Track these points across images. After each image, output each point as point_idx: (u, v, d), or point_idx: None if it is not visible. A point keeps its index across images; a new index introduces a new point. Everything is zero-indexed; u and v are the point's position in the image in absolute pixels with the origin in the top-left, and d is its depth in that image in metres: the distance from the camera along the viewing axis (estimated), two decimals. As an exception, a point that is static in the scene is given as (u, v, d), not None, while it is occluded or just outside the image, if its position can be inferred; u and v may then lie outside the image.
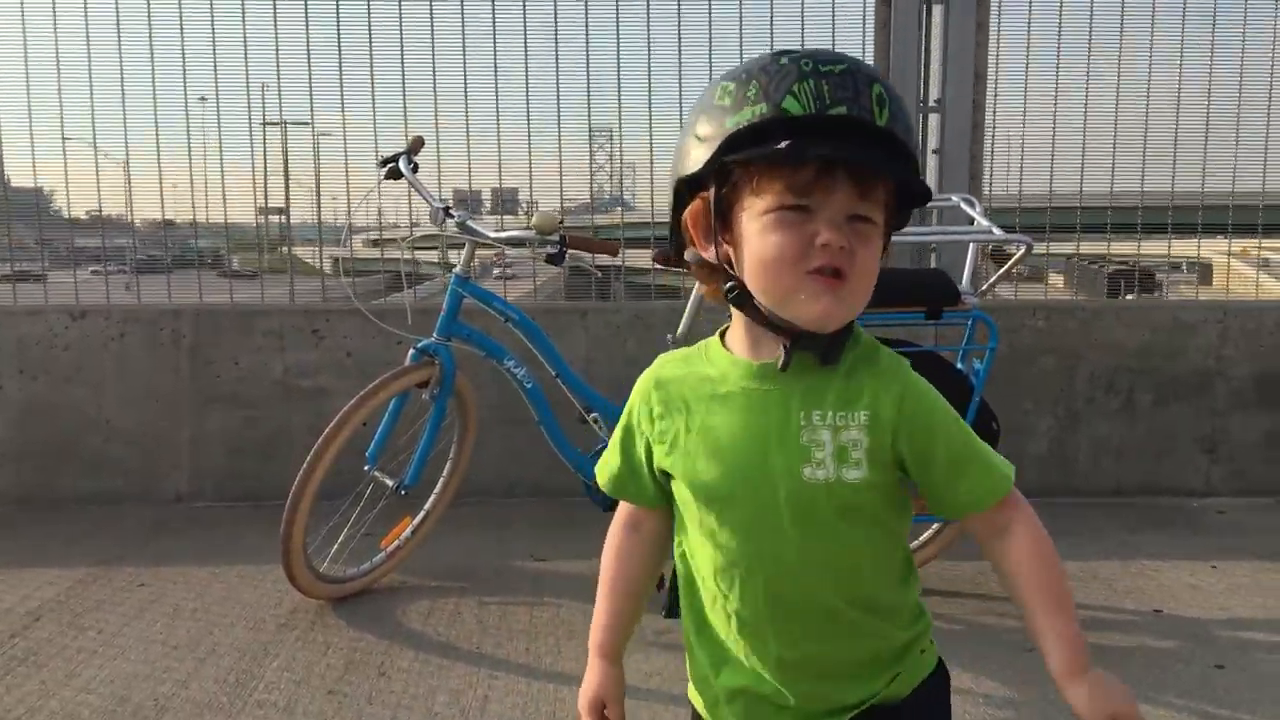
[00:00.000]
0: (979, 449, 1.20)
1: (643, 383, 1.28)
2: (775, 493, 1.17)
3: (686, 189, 1.19)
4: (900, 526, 1.24)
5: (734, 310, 1.20)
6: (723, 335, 1.26)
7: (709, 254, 1.17)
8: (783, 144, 1.07)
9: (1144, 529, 4.09)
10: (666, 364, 1.28)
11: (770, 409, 1.18)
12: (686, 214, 1.19)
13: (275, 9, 4.49)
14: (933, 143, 4.54)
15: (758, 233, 1.11)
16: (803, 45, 4.53)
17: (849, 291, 1.12)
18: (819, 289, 1.11)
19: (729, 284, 1.17)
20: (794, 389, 1.17)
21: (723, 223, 1.16)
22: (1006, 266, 3.32)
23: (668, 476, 1.26)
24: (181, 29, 4.49)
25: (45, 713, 2.56)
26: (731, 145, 1.11)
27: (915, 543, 3.44)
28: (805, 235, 1.10)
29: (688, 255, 1.22)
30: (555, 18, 4.52)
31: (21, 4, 4.51)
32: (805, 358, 1.17)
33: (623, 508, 1.35)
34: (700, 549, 1.24)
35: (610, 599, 1.36)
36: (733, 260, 1.17)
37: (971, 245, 3.45)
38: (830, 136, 1.08)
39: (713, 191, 1.15)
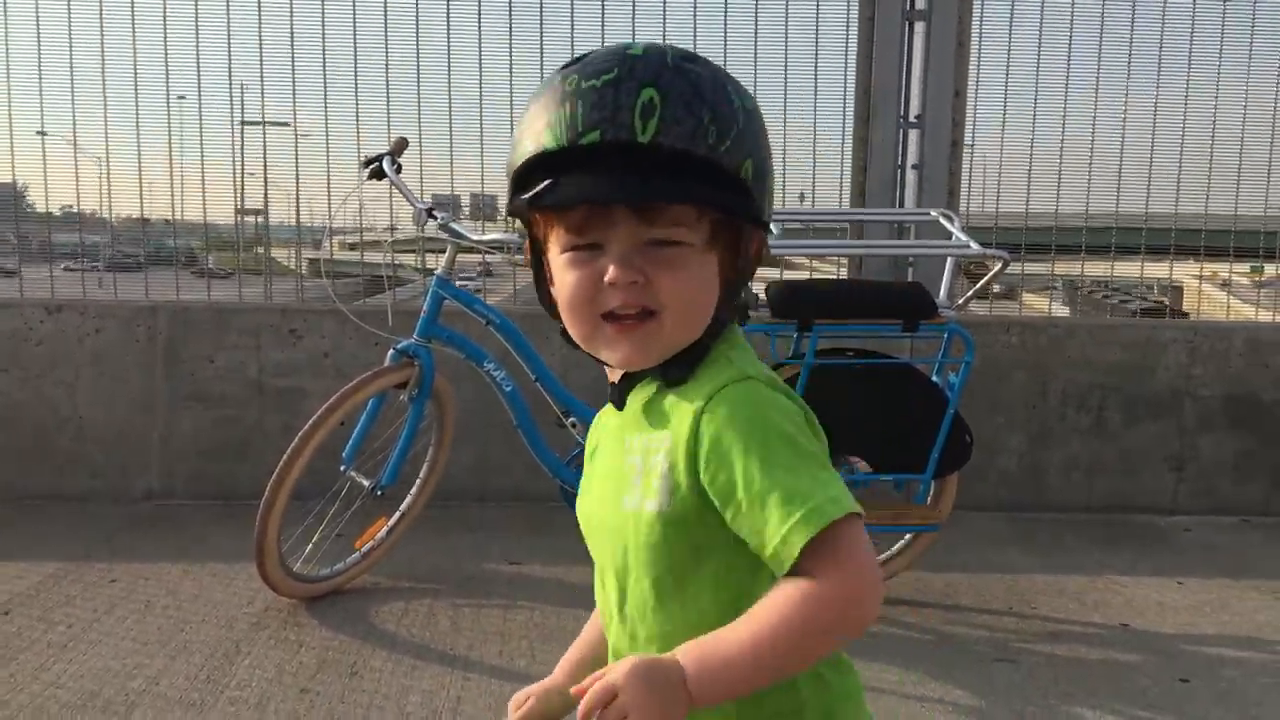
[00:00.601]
0: (786, 483, 0.97)
1: None
2: (605, 523, 1.12)
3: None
4: (740, 580, 1.04)
5: None
6: None
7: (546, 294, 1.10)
8: (528, 195, 1.02)
9: (1112, 545, 4.13)
10: None
11: (614, 435, 1.13)
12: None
13: (260, 6, 4.49)
14: (912, 158, 4.58)
15: (557, 273, 1.06)
16: (786, 61, 4.58)
17: (656, 327, 1.03)
18: (612, 335, 1.04)
19: (562, 327, 1.09)
20: (627, 413, 1.11)
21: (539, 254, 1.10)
22: (983, 281, 3.36)
23: None
24: (165, 25, 4.48)
25: (14, 706, 2.54)
26: (516, 187, 1.05)
27: (887, 553, 3.47)
28: (595, 274, 1.02)
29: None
30: (540, 24, 4.54)
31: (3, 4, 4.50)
32: (644, 390, 1.09)
33: None
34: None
35: (578, 639, 1.33)
36: (549, 291, 1.10)
37: (949, 259, 3.50)
38: (593, 165, 0.99)
39: (524, 222, 1.09)
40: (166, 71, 4.51)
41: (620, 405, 1.11)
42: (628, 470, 1.07)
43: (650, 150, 0.98)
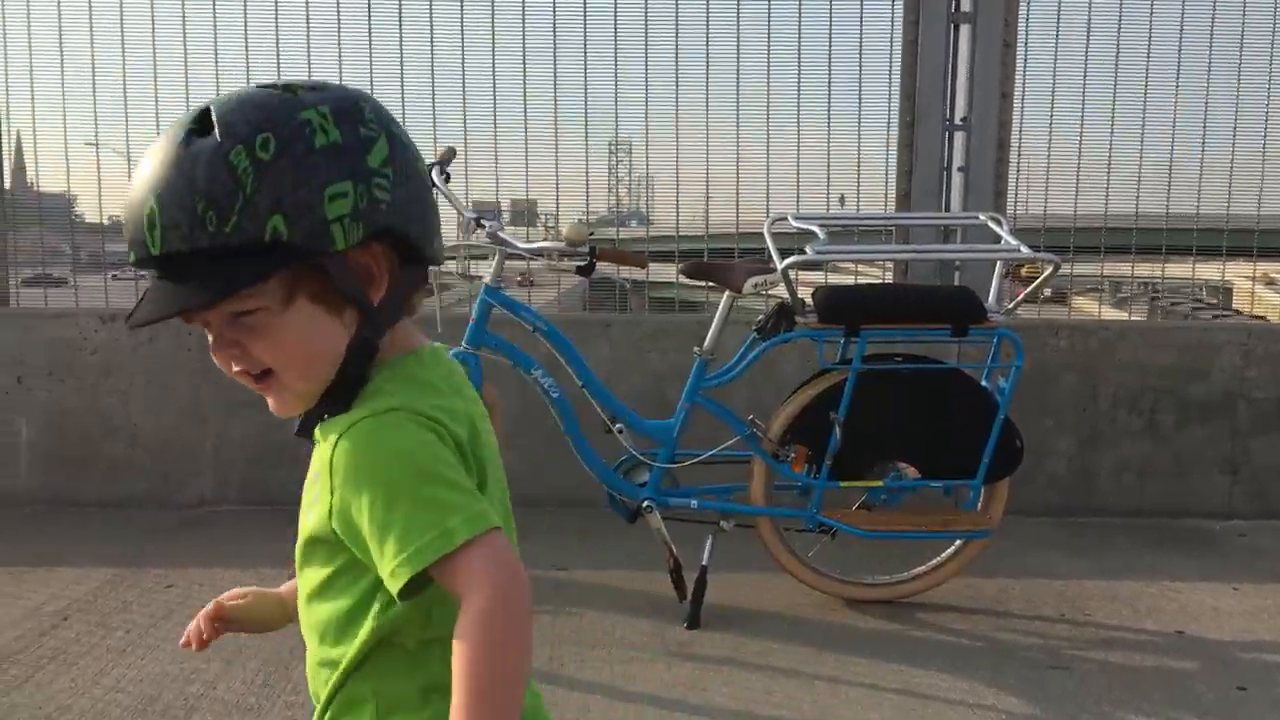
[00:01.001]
0: (401, 522, 0.99)
1: None
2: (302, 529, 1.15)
3: None
4: (364, 592, 1.08)
5: None
6: None
7: None
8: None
9: (1165, 550, 4.08)
10: None
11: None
12: None
13: (308, 19, 4.54)
14: (958, 161, 4.55)
15: None
16: (829, 64, 4.57)
17: (278, 382, 1.09)
18: (260, 391, 1.11)
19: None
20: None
21: None
22: (1034, 285, 3.33)
23: None
24: (215, 35, 4.55)
25: (75, 711, 2.59)
26: None
27: (936, 560, 3.45)
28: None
29: None
30: (584, 30, 4.56)
31: (59, 11, 4.58)
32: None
33: None
34: None
35: None
36: None
37: (998, 263, 3.47)
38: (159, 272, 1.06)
39: None
40: (217, 83, 4.58)
41: (309, 438, 1.14)
42: (310, 485, 1.12)
43: (170, 258, 1.02)
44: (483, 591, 0.97)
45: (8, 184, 4.72)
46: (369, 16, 4.56)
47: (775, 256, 3.28)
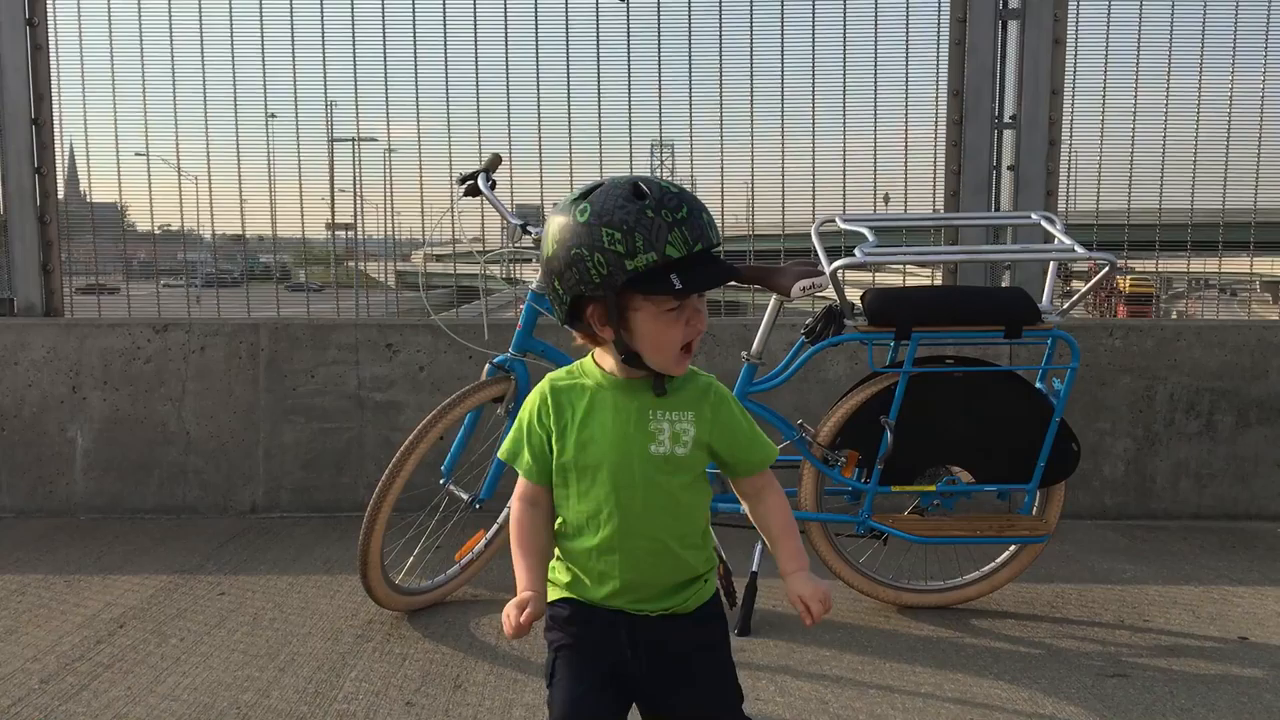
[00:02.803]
0: (758, 435, 1.78)
1: (538, 391, 1.76)
2: (631, 462, 1.69)
3: (586, 295, 1.64)
4: (704, 497, 1.77)
5: (607, 351, 1.70)
6: (593, 358, 1.76)
7: (607, 334, 1.66)
8: (677, 285, 1.59)
9: (1226, 554, 3.99)
10: (555, 378, 1.76)
11: (630, 409, 1.71)
12: (591, 311, 1.65)
13: (353, 26, 4.57)
14: (1007, 159, 4.49)
15: (657, 326, 1.63)
16: (875, 63, 4.53)
17: (691, 352, 1.70)
18: (682, 357, 1.67)
19: (624, 352, 1.66)
20: (645, 397, 1.71)
21: (619, 316, 1.64)
22: (1089, 285, 3.27)
23: (554, 456, 1.75)
24: (262, 51, 4.60)
25: (131, 719, 2.61)
26: (633, 280, 1.59)
27: (991, 565, 3.40)
28: (682, 323, 1.64)
29: (577, 330, 1.71)
30: (627, 40, 4.55)
31: (109, 26, 4.64)
32: (647, 382, 1.71)
33: (524, 486, 1.78)
34: (576, 504, 1.73)
35: (526, 557, 1.77)
36: (622, 337, 1.65)
37: (1051, 264, 3.41)
38: (694, 263, 1.60)
39: (613, 299, 1.61)
40: (265, 95, 4.62)
41: (663, 392, 1.71)
42: (654, 431, 1.70)
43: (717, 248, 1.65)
44: (779, 487, 1.83)
45: (61, 194, 4.79)
46: (413, 20, 4.58)
47: (823, 259, 3.25)
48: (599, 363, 1.74)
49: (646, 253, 1.56)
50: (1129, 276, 4.63)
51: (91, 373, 4.50)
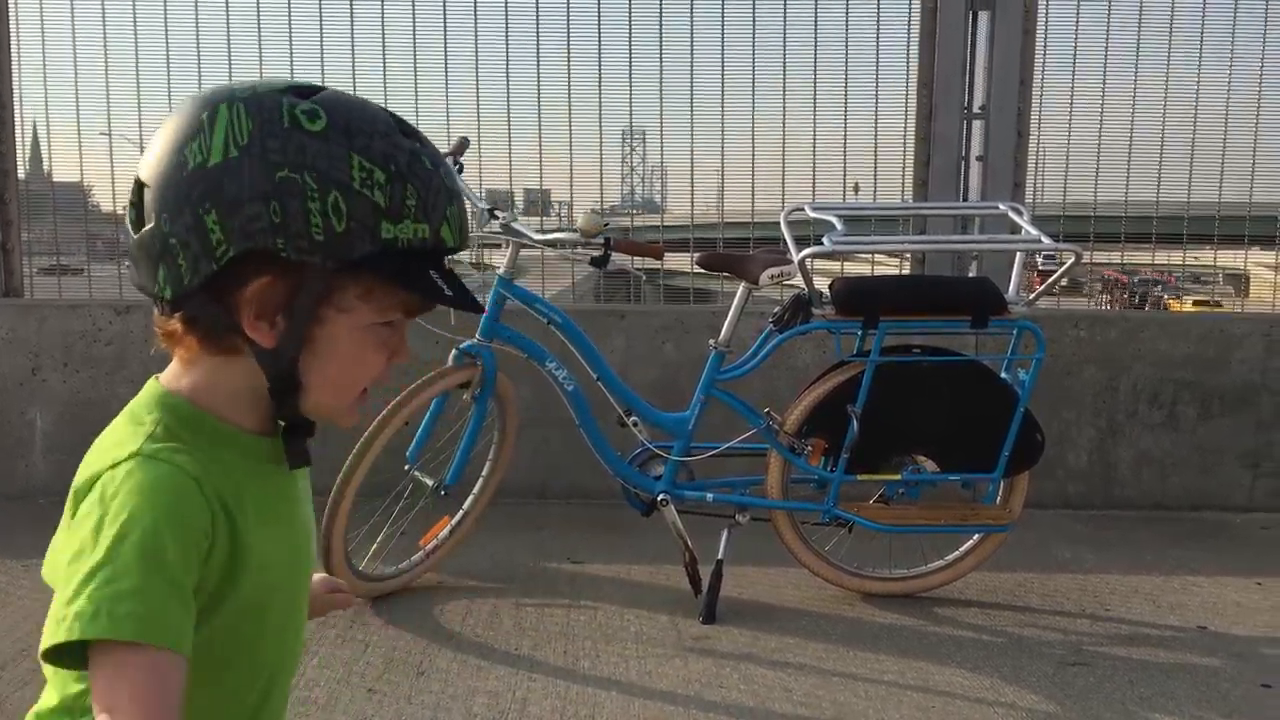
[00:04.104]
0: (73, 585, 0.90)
1: (180, 491, 0.96)
2: (301, 585, 1.17)
3: (247, 260, 0.97)
4: None
5: (222, 376, 1.03)
6: (188, 400, 1.04)
7: (265, 337, 0.99)
8: (447, 291, 1.02)
9: (1187, 544, 4.04)
10: (179, 462, 0.97)
11: (294, 493, 1.13)
12: (250, 289, 0.98)
13: (320, 7, 4.52)
14: (976, 149, 4.50)
15: (353, 344, 1.02)
16: (846, 52, 4.53)
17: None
18: (356, 403, 1.08)
19: (282, 378, 1.02)
20: (281, 473, 1.10)
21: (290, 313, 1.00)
22: (1055, 277, 3.29)
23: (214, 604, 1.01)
24: (228, 26, 4.53)
25: (89, 705, 2.58)
26: (371, 259, 0.97)
27: (954, 554, 3.42)
28: (387, 351, 1.05)
29: (185, 316, 1.01)
30: (598, 24, 4.53)
31: (71, 3, 4.57)
32: (275, 446, 1.08)
33: (168, 677, 0.90)
34: (232, 679, 1.07)
35: None
36: (289, 350, 1.01)
37: (1018, 254, 3.42)
38: (438, 264, 1.03)
39: (321, 279, 0.98)
40: (230, 73, 4.56)
41: (306, 460, 1.10)
42: (310, 527, 1.17)
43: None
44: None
45: (21, 174, 4.71)
46: (381, 5, 4.53)
47: (792, 247, 3.24)
48: (207, 406, 1.03)
49: (418, 221, 0.98)
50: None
51: (51, 355, 4.43)
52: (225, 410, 1.04)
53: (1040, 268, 3.30)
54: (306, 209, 0.95)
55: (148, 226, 0.99)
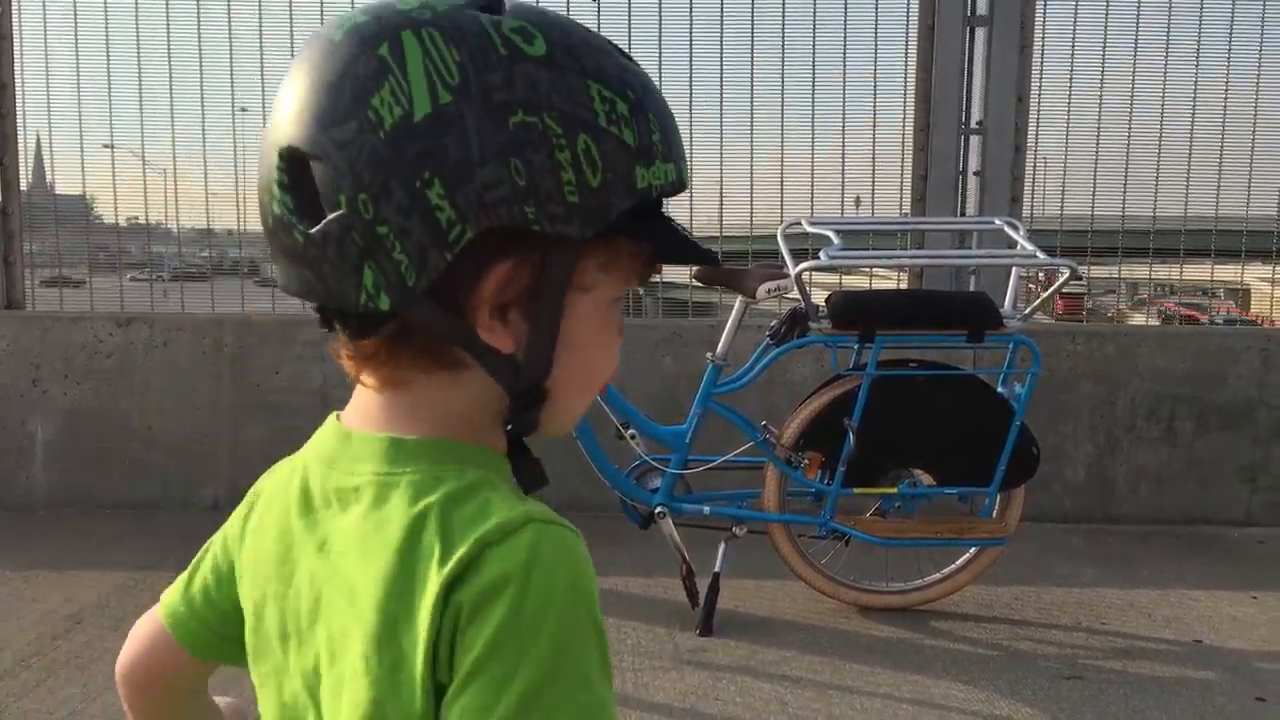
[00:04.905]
0: None
1: (574, 554, 0.81)
2: None
3: (498, 240, 0.73)
4: None
5: (448, 395, 0.80)
6: (445, 430, 0.81)
7: (501, 340, 0.77)
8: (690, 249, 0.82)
9: (1183, 558, 4.04)
10: (517, 517, 0.78)
11: None
12: (488, 281, 0.74)
13: (322, 17, 4.54)
14: (974, 165, 4.53)
15: (598, 329, 0.81)
16: (844, 68, 4.55)
17: None
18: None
19: (526, 389, 0.79)
20: None
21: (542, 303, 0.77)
22: (1050, 291, 3.31)
23: None
24: (230, 39, 4.56)
25: (88, 716, 2.60)
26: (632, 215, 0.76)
27: (950, 568, 3.43)
28: (620, 335, 0.85)
29: (411, 314, 0.75)
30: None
31: (75, 16, 4.60)
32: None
33: None
34: None
35: None
36: (535, 354, 0.78)
37: (1014, 269, 3.44)
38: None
39: (573, 252, 0.76)
40: (231, 85, 4.59)
41: (546, 479, 0.86)
42: None
43: None
44: None
45: (24, 185, 4.73)
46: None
47: (789, 261, 3.26)
48: (469, 434, 0.80)
49: (665, 161, 0.77)
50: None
51: (53, 366, 4.45)
52: (470, 440, 0.80)
53: (1063, 291, 3.29)
54: (555, 163, 0.72)
55: (334, 215, 0.72)
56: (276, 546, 0.85)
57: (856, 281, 4.77)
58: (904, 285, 4.69)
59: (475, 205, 0.71)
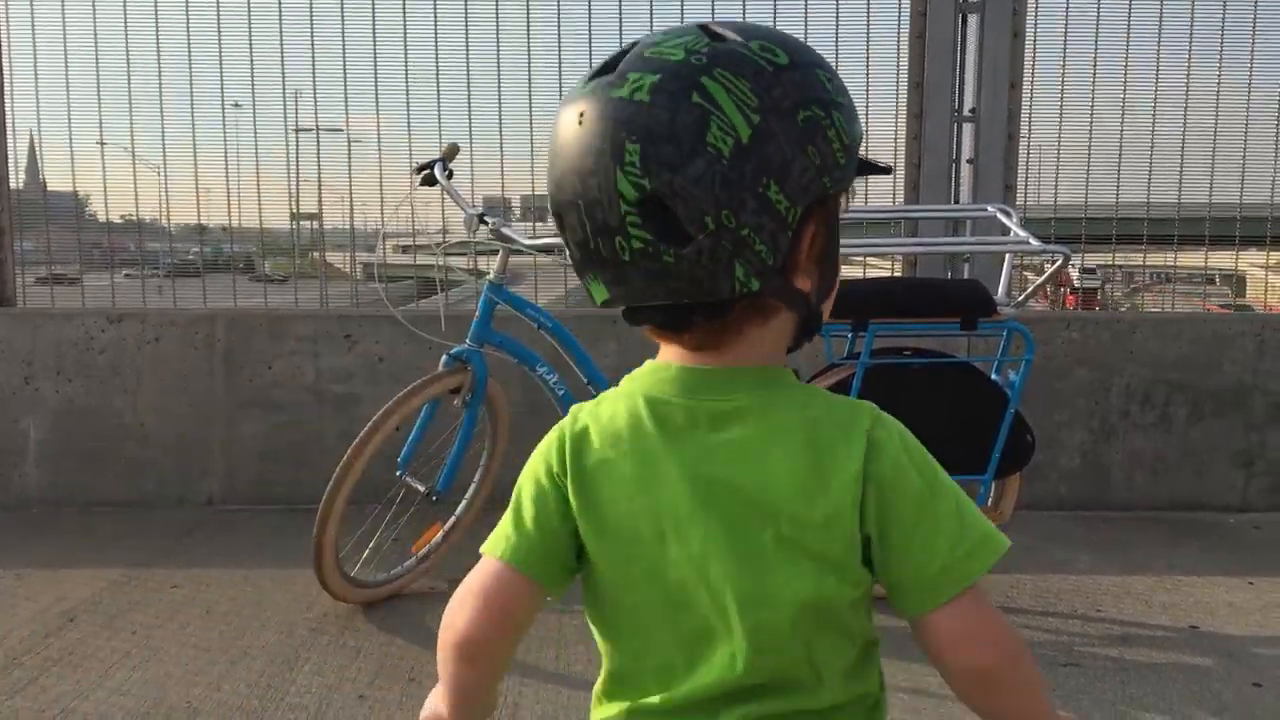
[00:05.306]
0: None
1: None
2: None
3: (818, 204, 0.98)
4: None
5: (770, 337, 1.05)
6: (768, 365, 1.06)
7: (806, 284, 1.02)
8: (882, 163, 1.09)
9: (1179, 544, 4.04)
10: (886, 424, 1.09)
11: None
12: (805, 243, 0.99)
13: (311, 15, 4.53)
14: (967, 152, 4.51)
15: (837, 256, 1.05)
16: (836, 55, 4.53)
17: None
18: None
19: (813, 319, 1.05)
20: None
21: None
22: (1044, 278, 3.29)
23: None
24: (219, 36, 4.54)
25: (80, 714, 2.58)
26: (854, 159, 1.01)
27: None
28: None
29: (770, 290, 0.99)
30: (589, 27, 4.54)
31: (63, 11, 4.57)
32: None
33: None
34: None
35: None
36: (824, 288, 1.04)
37: (1007, 256, 3.43)
38: None
39: (827, 211, 1.01)
40: (221, 81, 4.57)
41: None
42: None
43: None
44: None
45: (14, 184, 4.71)
46: (373, 14, 4.54)
47: (782, 251, 3.24)
48: (780, 360, 1.07)
49: (855, 113, 1.01)
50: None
51: (45, 363, 4.43)
52: (781, 364, 1.07)
53: (1079, 285, 3.30)
54: (828, 138, 0.95)
55: (703, 235, 0.92)
56: (637, 469, 1.04)
57: (850, 270, 4.75)
58: (899, 273, 4.68)
59: (798, 190, 0.94)
